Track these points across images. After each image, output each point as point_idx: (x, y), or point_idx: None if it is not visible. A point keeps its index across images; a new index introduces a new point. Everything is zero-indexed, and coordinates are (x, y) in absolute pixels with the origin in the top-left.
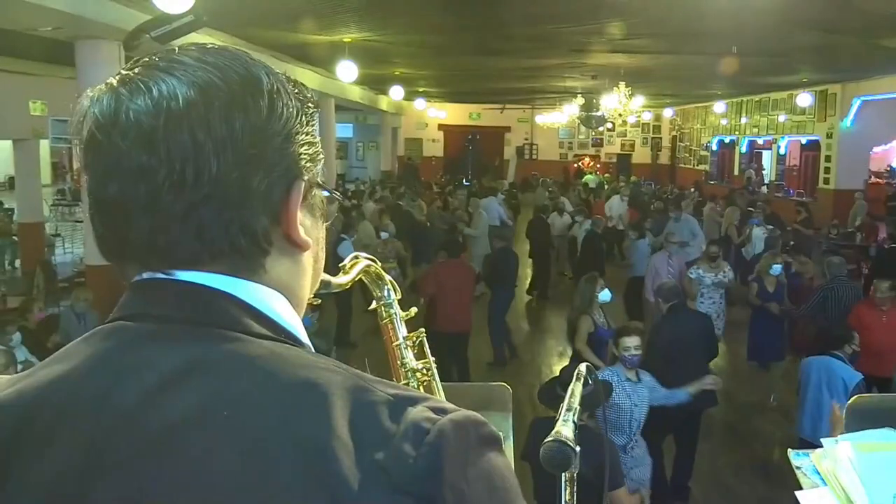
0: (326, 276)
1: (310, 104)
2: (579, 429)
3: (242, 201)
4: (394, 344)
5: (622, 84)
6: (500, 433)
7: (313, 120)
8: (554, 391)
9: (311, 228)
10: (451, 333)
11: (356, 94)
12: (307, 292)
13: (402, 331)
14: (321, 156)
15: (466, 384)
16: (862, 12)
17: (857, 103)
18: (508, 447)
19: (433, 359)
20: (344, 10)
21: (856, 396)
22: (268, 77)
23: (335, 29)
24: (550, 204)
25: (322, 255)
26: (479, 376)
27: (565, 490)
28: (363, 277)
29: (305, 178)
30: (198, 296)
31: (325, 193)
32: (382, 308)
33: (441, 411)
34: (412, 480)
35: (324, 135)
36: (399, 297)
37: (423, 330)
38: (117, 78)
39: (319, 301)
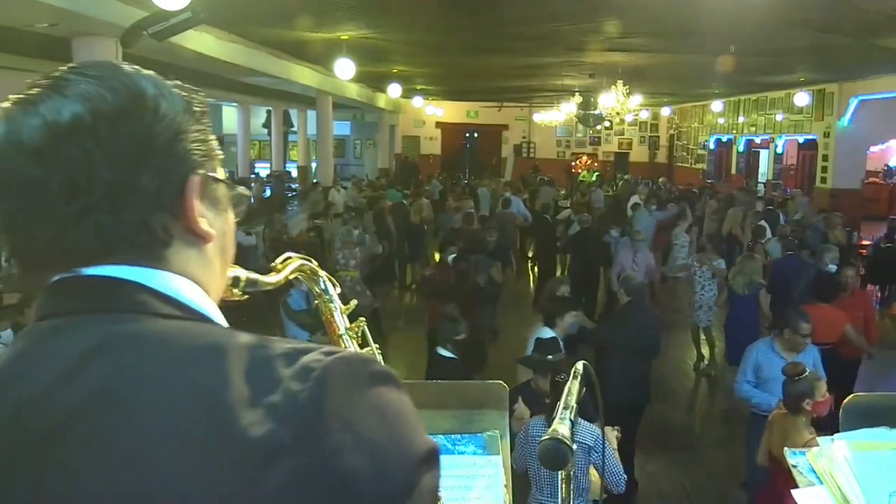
0: (254, 275)
1: (197, 105)
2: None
3: (134, 200)
4: (337, 335)
5: (620, 82)
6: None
7: (203, 118)
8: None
9: (214, 220)
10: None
11: (354, 91)
12: (218, 283)
13: (345, 322)
14: (217, 151)
15: (463, 382)
16: (859, 12)
17: (854, 103)
18: (505, 445)
19: (376, 345)
20: (341, 7)
21: (852, 395)
22: (152, 84)
23: (333, 26)
24: (553, 204)
25: (231, 248)
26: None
27: (562, 487)
28: (299, 275)
29: (200, 172)
30: (102, 286)
31: (233, 186)
32: (322, 303)
33: (331, 353)
34: (297, 412)
35: (321, 132)
36: (339, 290)
37: (363, 319)
38: (12, 100)
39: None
